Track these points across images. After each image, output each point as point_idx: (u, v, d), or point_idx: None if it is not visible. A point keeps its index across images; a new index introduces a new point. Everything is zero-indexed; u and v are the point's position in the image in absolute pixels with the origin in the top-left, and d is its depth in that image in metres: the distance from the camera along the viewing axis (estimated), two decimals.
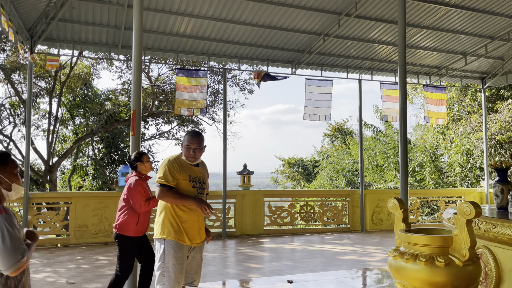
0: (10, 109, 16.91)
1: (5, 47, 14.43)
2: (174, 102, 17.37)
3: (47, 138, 16.28)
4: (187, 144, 3.41)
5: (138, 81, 5.15)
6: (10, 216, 2.00)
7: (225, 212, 9.71)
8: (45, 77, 16.47)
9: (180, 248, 3.34)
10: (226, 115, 10.45)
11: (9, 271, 1.93)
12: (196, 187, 3.44)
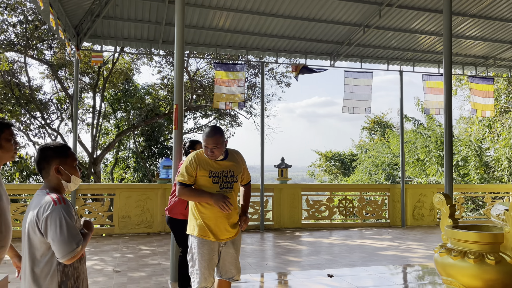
0: (57, 104, 17.69)
1: (52, 45, 15.08)
2: (212, 96, 17.62)
3: (91, 132, 16.94)
4: (204, 144, 3.32)
5: (180, 76, 5.25)
6: (68, 206, 2.10)
7: (263, 205, 9.76)
8: (89, 73, 17.10)
9: (205, 244, 3.33)
10: (263, 109, 10.47)
11: (64, 259, 2.03)
12: (219, 182, 3.34)
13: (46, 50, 15.38)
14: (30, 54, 14.74)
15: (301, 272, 5.91)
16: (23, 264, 2.14)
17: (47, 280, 2.06)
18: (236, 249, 3.48)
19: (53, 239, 2.02)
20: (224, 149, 3.39)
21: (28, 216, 2.13)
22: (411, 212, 10.69)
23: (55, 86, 17.61)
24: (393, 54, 10.64)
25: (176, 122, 5.21)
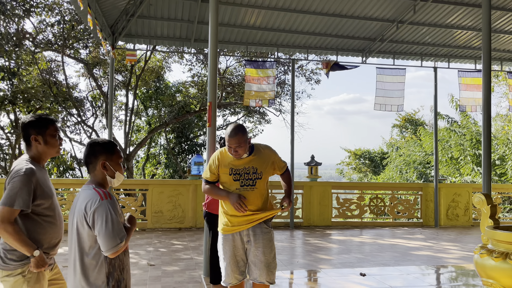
0: (92, 102, 18.23)
1: (88, 44, 15.53)
2: (241, 93, 17.73)
3: (124, 129, 17.38)
4: (227, 144, 3.28)
5: (214, 74, 5.32)
6: (113, 202, 2.18)
7: (292, 202, 9.77)
8: (122, 71, 17.52)
9: (227, 240, 3.34)
10: (293, 106, 10.45)
11: (109, 253, 2.11)
12: (239, 179, 3.29)
13: (81, 49, 15.87)
14: (67, 53, 15.24)
15: (332, 270, 5.89)
16: (71, 256, 2.23)
17: (95, 271, 2.14)
18: (262, 250, 3.29)
19: (99, 233, 2.10)
20: (247, 147, 3.30)
21: (76, 209, 2.21)
22: (444, 212, 10.43)
23: (90, 84, 18.16)
24: (427, 50, 10.39)
25: (210, 119, 5.28)
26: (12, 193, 2.34)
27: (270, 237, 3.38)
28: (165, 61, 18.87)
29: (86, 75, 17.53)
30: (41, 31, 14.76)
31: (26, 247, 2.37)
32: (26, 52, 13.63)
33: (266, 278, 3.26)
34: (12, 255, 2.44)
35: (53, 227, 2.54)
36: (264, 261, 3.27)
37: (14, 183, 2.37)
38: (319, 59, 15.27)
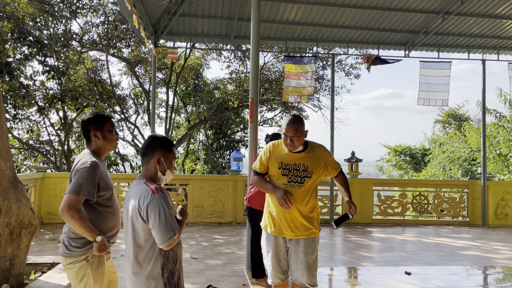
0: (134, 99, 18.78)
1: (130, 43, 15.99)
2: (279, 89, 17.71)
3: (164, 125, 17.79)
4: (284, 132, 3.16)
5: (256, 71, 5.35)
6: (165, 196, 2.23)
7: (332, 199, 9.67)
8: (162, 69, 17.92)
9: (269, 238, 3.27)
10: (333, 101, 10.32)
11: (163, 245, 2.16)
12: (288, 174, 3.17)
13: (124, 48, 16.36)
14: (111, 53, 15.76)
15: (375, 268, 5.79)
16: (127, 248, 2.32)
17: (151, 263, 2.21)
18: (304, 251, 3.17)
19: (153, 227, 2.16)
20: (303, 140, 3.18)
21: (130, 204, 2.28)
22: (493, 210, 10.00)
23: (132, 82, 18.71)
24: (474, 42, 9.95)
25: (252, 115, 5.32)
26: (78, 183, 2.52)
27: (313, 239, 3.22)
28: (204, 58, 19.14)
29: (128, 73, 18.07)
30: (87, 32, 15.34)
31: (90, 232, 2.53)
32: (73, 52, 14.21)
33: (307, 280, 3.15)
34: (76, 243, 2.62)
35: (112, 217, 2.73)
36: (305, 262, 3.15)
37: (80, 174, 2.55)
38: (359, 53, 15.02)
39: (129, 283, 2.29)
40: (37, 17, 11.16)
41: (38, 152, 15.51)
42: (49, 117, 15.42)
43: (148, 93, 17.40)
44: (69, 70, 13.35)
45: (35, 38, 10.14)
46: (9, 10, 9.42)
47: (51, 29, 12.96)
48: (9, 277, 3.72)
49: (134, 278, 2.24)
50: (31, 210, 3.86)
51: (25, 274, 3.93)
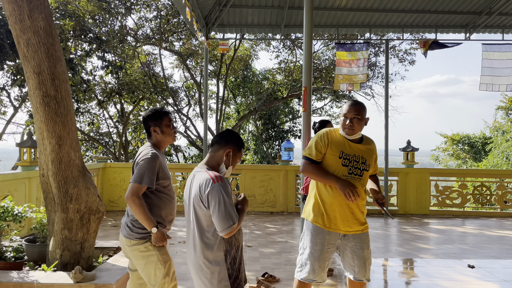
0: (185, 91, 19.24)
1: (181, 36, 16.36)
2: (328, 78, 17.41)
3: (215, 116, 18.10)
4: (344, 113, 3.03)
5: (309, 59, 5.28)
6: (225, 185, 2.26)
7: (387, 189, 9.42)
8: (212, 61, 18.19)
9: (319, 232, 3.00)
10: (388, 89, 9.98)
11: (223, 233, 2.20)
12: (348, 165, 2.97)
13: (176, 42, 16.77)
14: (163, 46, 16.21)
15: (435, 260, 5.60)
16: (190, 234, 2.38)
17: (214, 249, 2.26)
18: (361, 246, 3.01)
19: (213, 215, 2.21)
20: (363, 126, 3.05)
21: (193, 191, 2.34)
22: None
23: (183, 75, 19.16)
24: None
25: (305, 104, 5.27)
26: (141, 173, 2.75)
27: (368, 233, 3.11)
28: (253, 49, 19.20)
29: (180, 66, 18.51)
30: (141, 27, 15.87)
31: (148, 221, 2.73)
32: (128, 47, 14.77)
33: (365, 276, 3.02)
34: (139, 225, 2.82)
35: (170, 204, 2.95)
36: (363, 257, 3.01)
37: (142, 165, 2.77)
38: (414, 38, 14.40)
39: (193, 268, 2.36)
40: (96, 15, 11.70)
41: (98, 143, 16.37)
42: (107, 110, 16.19)
43: (199, 85, 17.75)
44: (126, 65, 13.91)
45: (95, 35, 10.65)
46: (71, 8, 9.94)
47: (108, 26, 13.54)
48: (80, 259, 3.98)
49: (198, 264, 2.30)
50: (98, 197, 4.09)
51: (94, 257, 4.18)
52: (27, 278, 3.47)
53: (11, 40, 10.88)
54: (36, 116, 3.86)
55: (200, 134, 19.11)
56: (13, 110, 13.52)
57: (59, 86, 3.85)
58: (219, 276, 2.25)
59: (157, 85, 15.83)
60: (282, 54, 18.44)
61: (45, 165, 3.93)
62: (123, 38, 13.98)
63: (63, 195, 3.89)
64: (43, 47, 3.72)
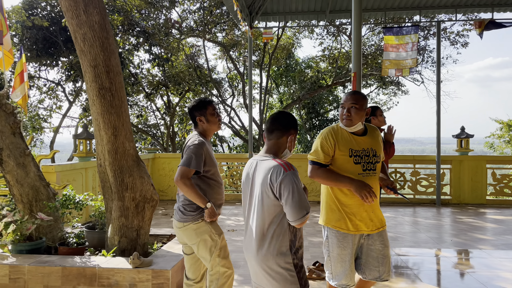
0: (229, 82, 19.38)
1: (224, 27, 16.44)
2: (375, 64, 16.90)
3: (259, 107, 18.12)
4: (342, 103, 2.85)
5: (358, 43, 5.13)
6: (296, 173, 2.18)
7: (439, 178, 9.05)
8: (255, 51, 18.17)
9: (345, 237, 2.81)
10: (439, 73, 9.54)
11: (296, 223, 2.13)
12: (361, 162, 2.78)
13: (218, 33, 16.89)
14: (207, 38, 16.37)
15: (496, 251, 5.32)
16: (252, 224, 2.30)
17: (279, 239, 2.20)
18: (384, 244, 2.88)
19: (286, 204, 2.12)
20: (363, 116, 2.83)
21: (259, 179, 2.24)
22: None
23: (227, 65, 19.29)
24: None
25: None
26: (189, 157, 2.86)
27: (386, 230, 2.95)
28: (295, 37, 18.97)
29: (223, 57, 18.64)
30: (184, 19, 16.10)
31: (200, 199, 2.85)
32: (173, 39, 15.05)
33: (390, 275, 2.90)
34: (190, 208, 2.95)
35: (218, 190, 3.04)
36: (387, 256, 2.86)
37: (190, 150, 2.88)
38: (467, 18, 13.63)
39: (254, 259, 2.26)
40: (142, 9, 11.98)
41: (147, 135, 16.89)
42: (155, 102, 16.64)
43: (242, 76, 17.81)
44: (172, 57, 14.19)
45: (142, 29, 10.92)
46: (119, 4, 10.23)
47: (153, 20, 13.84)
48: (136, 246, 4.12)
49: (262, 254, 2.21)
50: (152, 186, 4.20)
51: (149, 244, 4.32)
52: (89, 262, 3.64)
53: (64, 37, 11.41)
54: (93, 108, 4.00)
55: (244, 125, 19.24)
56: (68, 104, 14.21)
57: (114, 78, 3.96)
58: (285, 266, 2.20)
59: (201, 76, 16.05)
60: (326, 41, 18.11)
61: (102, 155, 4.08)
62: (168, 31, 14.24)
63: (119, 184, 4.03)
64: (98, 41, 3.84)
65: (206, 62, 17.13)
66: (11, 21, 10.71)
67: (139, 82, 13.71)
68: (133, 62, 13.25)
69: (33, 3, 11.16)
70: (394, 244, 5.79)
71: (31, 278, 3.58)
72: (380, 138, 2.96)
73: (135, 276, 3.51)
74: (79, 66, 12.21)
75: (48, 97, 14.02)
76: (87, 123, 7.72)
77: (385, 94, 20.52)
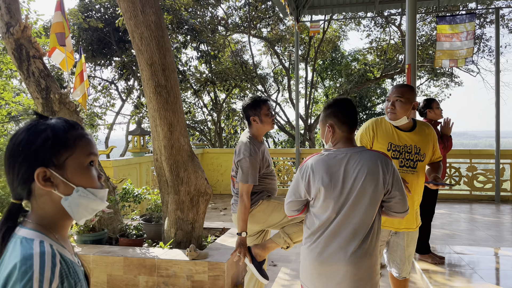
0: (274, 77, 19.37)
1: (269, 22, 16.43)
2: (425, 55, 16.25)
3: (304, 101, 17.99)
4: (387, 96, 2.75)
5: (412, 34, 4.96)
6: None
7: (499, 173, 8.57)
8: (300, 45, 18.02)
9: None
10: (498, 63, 9.02)
11: (404, 215, 2.05)
12: (399, 158, 2.67)
13: (263, 28, 16.90)
14: (252, 33, 16.44)
15: None
16: (351, 222, 1.97)
17: (375, 239, 2.02)
18: (409, 243, 2.79)
19: (396, 197, 2.00)
20: (408, 112, 2.68)
21: (368, 173, 1.96)
22: None
23: (272, 61, 19.28)
24: None
25: (409, 83, 4.98)
26: (245, 173, 2.83)
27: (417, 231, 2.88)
28: (342, 30, 18.61)
29: (267, 52, 18.65)
30: (230, 16, 16.24)
31: (243, 223, 2.81)
32: (219, 36, 15.25)
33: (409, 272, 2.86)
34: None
35: (273, 182, 3.06)
36: (411, 254, 2.83)
37: (244, 165, 2.83)
38: None
39: (352, 265, 1.95)
40: (190, 7, 12.22)
41: (195, 130, 17.26)
42: (202, 98, 16.96)
43: (287, 70, 17.74)
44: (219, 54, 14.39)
45: (190, 27, 11.15)
46: (168, 3, 10.50)
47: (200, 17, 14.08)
48: (191, 238, 4.24)
49: (364, 258, 1.96)
50: (205, 180, 4.30)
51: (203, 237, 4.43)
52: (149, 254, 3.79)
53: (117, 38, 11.88)
54: (149, 105, 4.14)
55: (289, 119, 19.18)
56: (121, 102, 14.81)
57: (169, 76, 4.08)
58: (378, 263, 2.10)
59: (247, 72, 16.16)
60: (373, 33, 17.64)
61: (158, 151, 4.23)
62: (215, 28, 14.44)
63: (175, 178, 4.16)
64: (154, 40, 3.97)
65: (252, 58, 17.22)
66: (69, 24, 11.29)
67: (187, 79, 14.03)
68: (181, 60, 13.55)
69: (88, 5, 11.71)
70: (451, 241, 5.57)
71: (95, 267, 3.78)
72: (432, 137, 2.77)
73: (192, 268, 3.61)
74: (131, 65, 12.68)
75: (102, 95, 14.67)
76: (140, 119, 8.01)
77: (436, 86, 19.70)
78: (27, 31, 4.40)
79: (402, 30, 16.32)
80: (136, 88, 14.57)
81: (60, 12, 4.84)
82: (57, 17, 4.83)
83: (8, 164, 0.96)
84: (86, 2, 11.87)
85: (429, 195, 4.31)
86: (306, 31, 16.06)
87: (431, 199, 4.37)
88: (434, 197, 4.45)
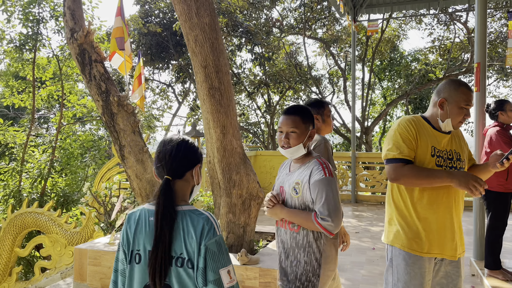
0: (329, 78, 19.02)
1: (325, 23, 16.14)
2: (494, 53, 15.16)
3: (361, 103, 17.48)
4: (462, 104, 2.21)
5: (482, 31, 4.60)
6: None
7: None
8: (357, 45, 17.54)
9: (417, 261, 2.13)
10: None
11: None
12: (443, 165, 2.15)
13: (319, 29, 16.64)
14: (307, 35, 16.25)
15: None
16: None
17: None
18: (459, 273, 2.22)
19: None
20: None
21: None
22: None
23: (327, 62, 18.95)
24: None
25: (477, 83, 4.62)
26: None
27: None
28: (401, 28, 17.89)
29: (322, 53, 18.34)
30: (285, 17, 16.16)
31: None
32: (273, 38, 15.22)
33: None
34: None
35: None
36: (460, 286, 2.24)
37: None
38: None
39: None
40: (245, 10, 12.28)
41: (248, 132, 17.36)
42: (256, 101, 17.03)
43: (343, 71, 17.34)
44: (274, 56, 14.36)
45: (245, 29, 11.21)
46: (223, 6, 10.61)
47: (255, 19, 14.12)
48: (242, 242, 4.18)
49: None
50: (257, 184, 4.23)
51: (255, 241, 4.35)
52: None
53: (174, 42, 12.21)
54: (203, 107, 4.14)
55: (344, 122, 18.74)
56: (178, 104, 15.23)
57: (222, 78, 4.05)
58: None
59: (301, 74, 15.98)
60: (436, 31, 16.77)
61: (211, 153, 4.21)
62: (269, 29, 14.42)
63: (227, 180, 4.12)
64: (208, 42, 3.95)
65: (306, 59, 17.01)
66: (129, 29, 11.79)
67: (241, 81, 14.11)
68: (236, 62, 13.66)
69: (148, 11, 12.14)
70: None
71: None
72: (464, 140, 2.36)
73: (243, 273, 3.54)
74: (187, 68, 12.98)
75: (160, 98, 15.17)
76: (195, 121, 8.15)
77: (506, 87, 18.37)
78: (89, 36, 4.58)
79: (468, 27, 15.36)
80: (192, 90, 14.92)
81: (120, 17, 5.00)
82: (117, 22, 4.99)
83: (184, 156, 1.57)
84: (146, 8, 12.33)
85: (500, 203, 3.95)
86: (363, 31, 15.59)
87: (503, 208, 3.99)
88: (506, 206, 4.05)
